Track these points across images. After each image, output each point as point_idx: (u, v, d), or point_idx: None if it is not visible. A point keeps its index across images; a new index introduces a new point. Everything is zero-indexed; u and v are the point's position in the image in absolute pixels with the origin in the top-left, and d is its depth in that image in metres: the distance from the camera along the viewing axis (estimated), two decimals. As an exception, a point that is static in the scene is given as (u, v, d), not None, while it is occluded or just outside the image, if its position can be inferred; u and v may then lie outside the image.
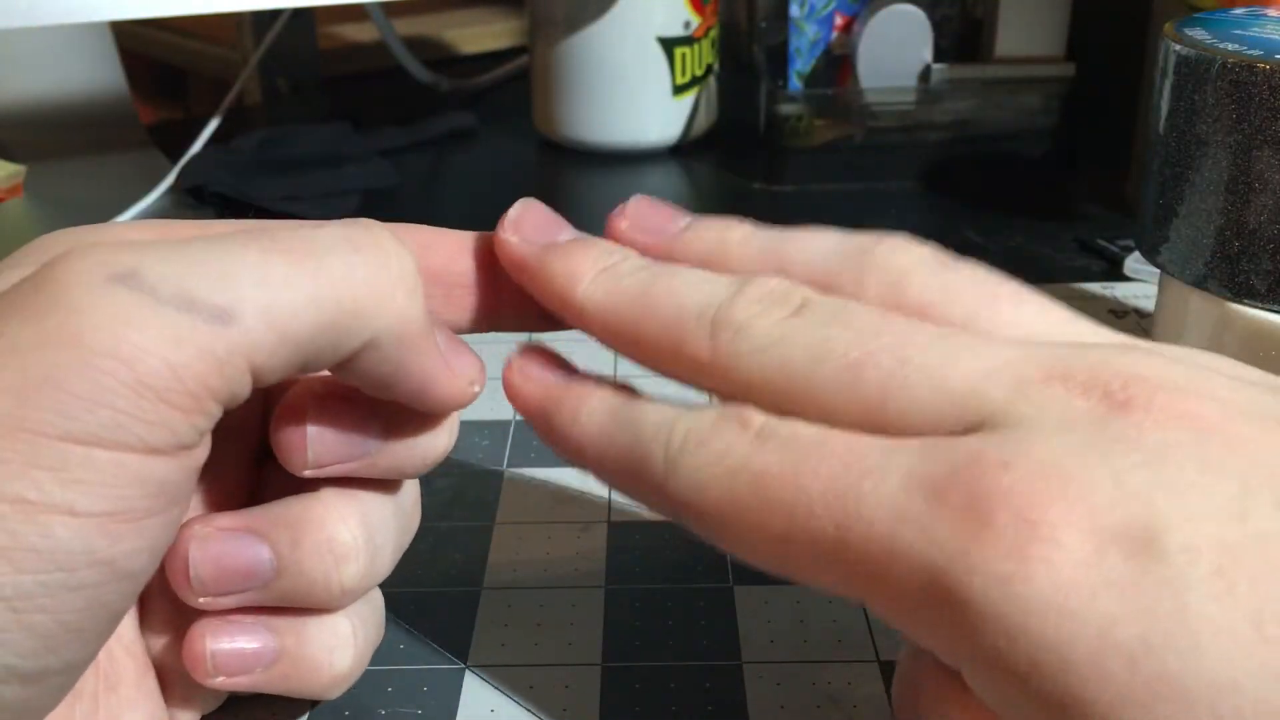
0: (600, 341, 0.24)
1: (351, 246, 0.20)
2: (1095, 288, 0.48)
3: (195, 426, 0.19)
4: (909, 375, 0.20)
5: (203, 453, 0.19)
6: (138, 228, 0.24)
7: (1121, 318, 0.45)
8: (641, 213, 0.26)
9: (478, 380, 0.24)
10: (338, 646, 0.24)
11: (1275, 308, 0.31)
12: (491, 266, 0.25)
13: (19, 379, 0.17)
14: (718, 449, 0.21)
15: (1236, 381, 0.20)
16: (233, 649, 0.23)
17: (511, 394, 0.25)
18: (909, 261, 0.23)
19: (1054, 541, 0.17)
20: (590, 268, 0.24)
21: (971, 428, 0.19)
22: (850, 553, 0.19)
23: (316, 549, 0.23)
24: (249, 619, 0.24)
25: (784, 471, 0.20)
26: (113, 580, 0.18)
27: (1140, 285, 0.48)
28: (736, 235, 0.25)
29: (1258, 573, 0.17)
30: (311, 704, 0.27)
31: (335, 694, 0.25)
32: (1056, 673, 0.17)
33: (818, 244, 0.24)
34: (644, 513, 0.33)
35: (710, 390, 0.22)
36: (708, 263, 0.24)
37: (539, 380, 0.24)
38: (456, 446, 0.37)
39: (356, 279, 0.20)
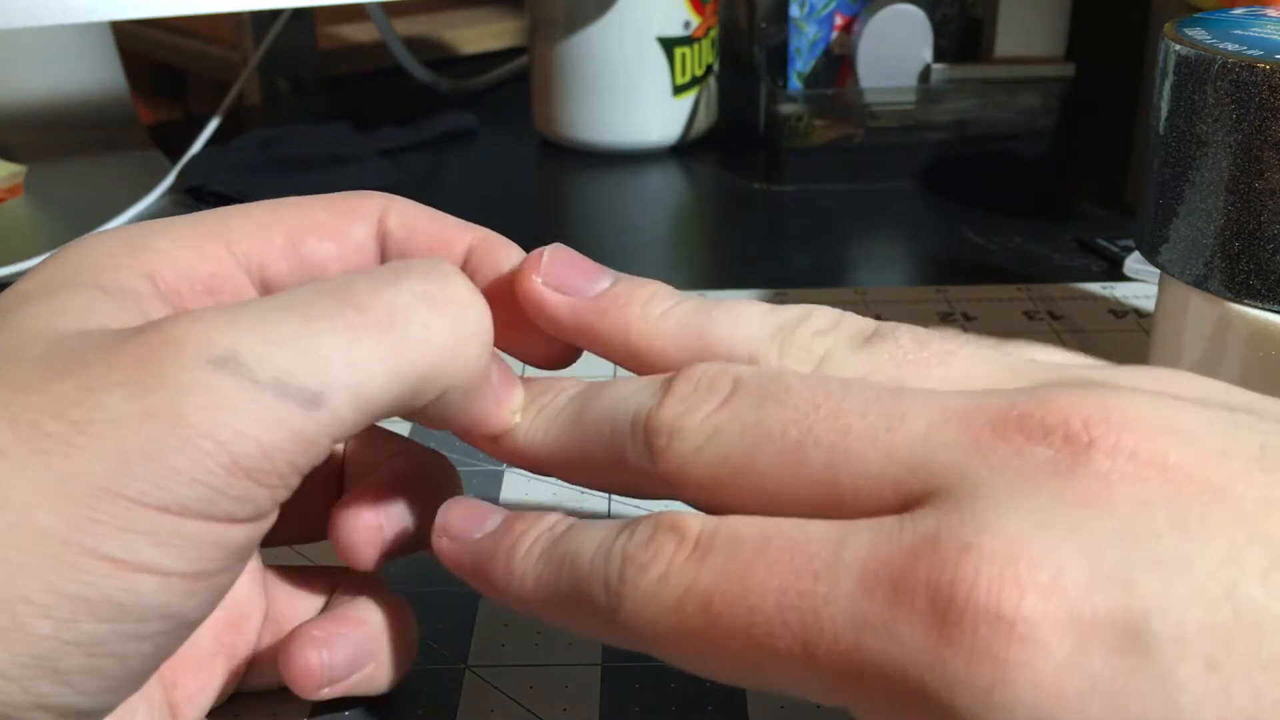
0: (560, 479, 0.24)
1: (431, 305, 0.21)
2: (1095, 288, 0.48)
3: (276, 499, 0.20)
4: (852, 446, 0.19)
5: (275, 516, 0.20)
6: (161, 230, 0.24)
7: (1121, 318, 0.45)
8: (557, 269, 0.25)
9: (519, 409, 0.24)
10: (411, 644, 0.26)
11: (1275, 308, 0.31)
12: (463, 262, 0.26)
13: (119, 449, 0.18)
14: (658, 573, 0.19)
15: (1203, 409, 0.18)
16: (344, 659, 0.25)
17: (442, 560, 0.24)
18: (829, 345, 0.22)
19: (1031, 641, 0.16)
20: (524, 413, 0.24)
21: (928, 494, 0.18)
22: (820, 668, 0.18)
23: None
24: (345, 629, 0.25)
25: (731, 589, 0.18)
26: (179, 630, 0.19)
27: (1140, 285, 0.48)
28: (656, 310, 0.24)
29: (1250, 663, 0.16)
30: (311, 703, 0.27)
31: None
32: None
33: (741, 322, 0.23)
34: (643, 513, 0.33)
35: (669, 499, 0.22)
36: (624, 337, 0.24)
37: (463, 541, 0.23)
38: (455, 445, 0.37)
39: (436, 342, 0.21)
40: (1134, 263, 0.49)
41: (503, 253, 0.26)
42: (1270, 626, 0.16)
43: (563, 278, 0.25)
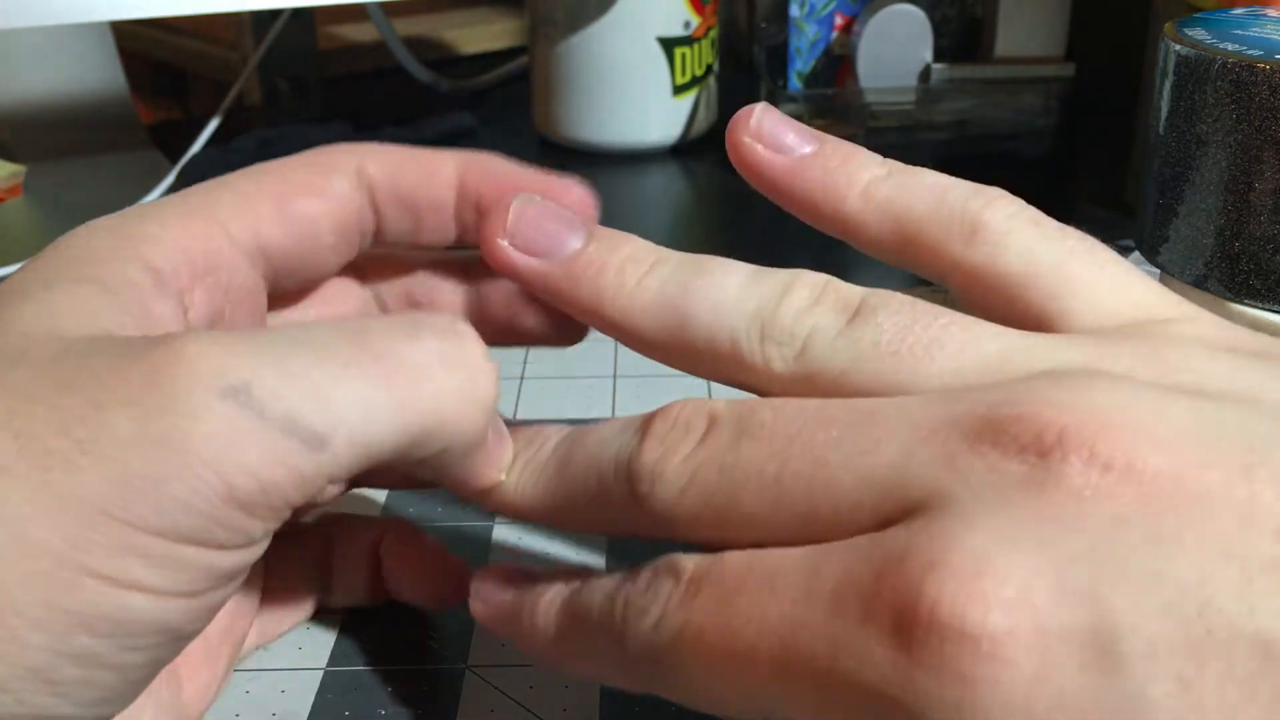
0: (552, 527, 0.24)
1: (445, 366, 0.21)
2: (1095, 288, 0.47)
3: (268, 530, 0.20)
4: (830, 476, 0.19)
5: (267, 543, 0.20)
6: (151, 215, 0.23)
7: (1121, 318, 0.45)
8: (526, 228, 0.24)
9: (506, 467, 0.24)
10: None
11: (1275, 308, 0.31)
12: (456, 189, 0.26)
13: (123, 472, 0.18)
14: (655, 616, 0.20)
15: (1193, 407, 0.18)
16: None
17: (480, 622, 0.24)
18: (811, 326, 0.22)
19: (998, 658, 0.16)
20: (509, 468, 0.24)
21: (904, 512, 0.18)
22: (802, 692, 0.18)
23: None
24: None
25: (719, 622, 0.19)
26: (173, 642, 0.19)
27: (1140, 285, 0.48)
28: (631, 279, 0.23)
29: (1224, 680, 0.15)
30: (311, 702, 0.27)
31: None
32: None
33: (719, 300, 0.22)
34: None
35: (661, 539, 0.22)
36: (598, 309, 0.23)
37: (494, 603, 0.24)
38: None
39: (446, 402, 0.21)
40: (1134, 263, 0.49)
41: (495, 169, 0.26)
42: (1244, 643, 0.15)
43: (531, 238, 0.24)
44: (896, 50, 0.63)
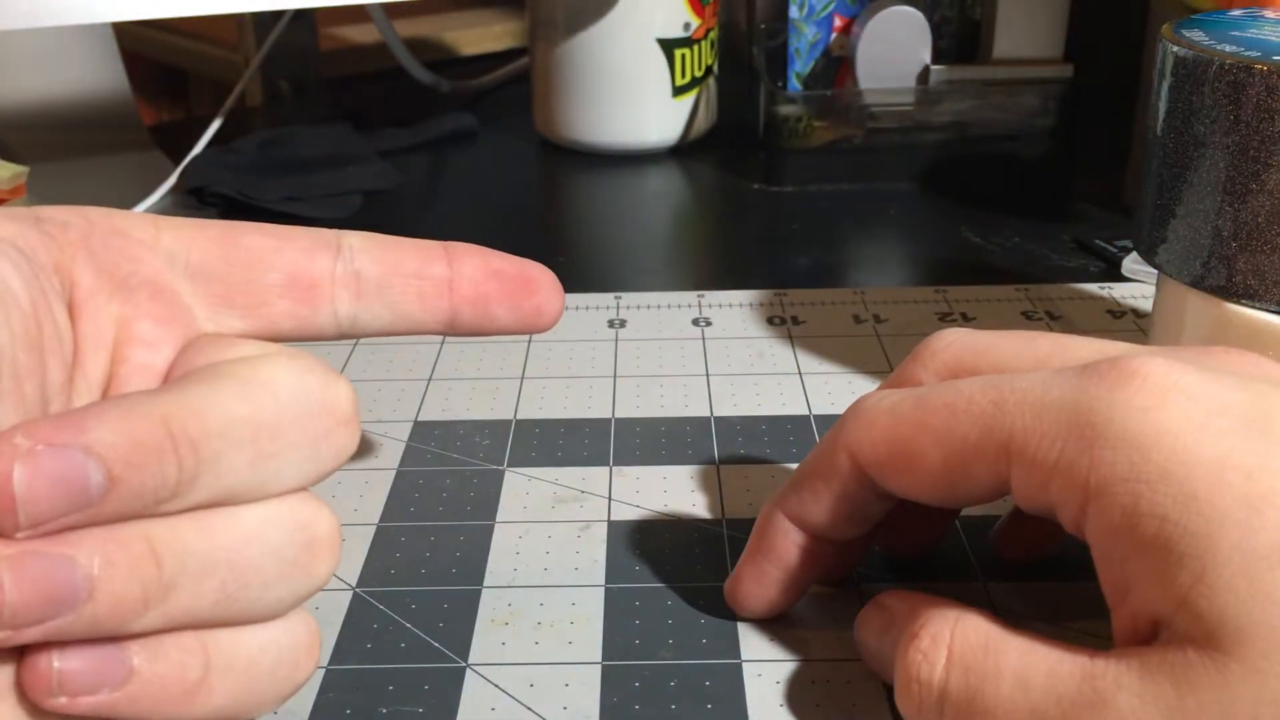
0: None
1: None
2: (1093, 288, 0.48)
3: None
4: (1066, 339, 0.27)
5: None
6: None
7: (1119, 318, 0.45)
8: None
9: None
10: (198, 665, 0.21)
11: (1272, 308, 0.31)
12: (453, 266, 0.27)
13: None
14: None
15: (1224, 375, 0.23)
16: (80, 666, 0.20)
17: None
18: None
19: (1188, 393, 0.22)
20: None
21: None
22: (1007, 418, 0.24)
23: None
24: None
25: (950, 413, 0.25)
26: None
27: (1138, 285, 0.48)
28: None
29: None
30: (311, 702, 0.27)
31: None
32: (1183, 479, 0.21)
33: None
34: (644, 512, 0.34)
35: None
36: None
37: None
38: (456, 445, 0.37)
39: None
40: (1132, 263, 0.49)
41: None
42: None
43: None
44: (895, 52, 0.64)
